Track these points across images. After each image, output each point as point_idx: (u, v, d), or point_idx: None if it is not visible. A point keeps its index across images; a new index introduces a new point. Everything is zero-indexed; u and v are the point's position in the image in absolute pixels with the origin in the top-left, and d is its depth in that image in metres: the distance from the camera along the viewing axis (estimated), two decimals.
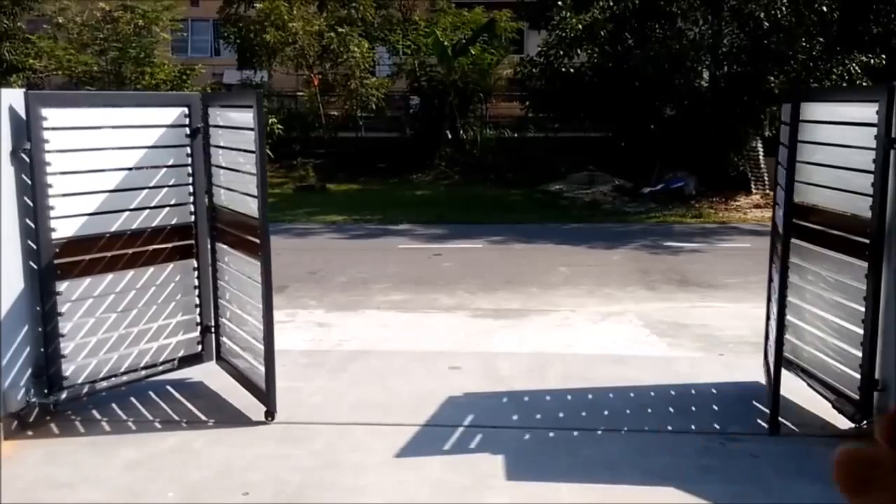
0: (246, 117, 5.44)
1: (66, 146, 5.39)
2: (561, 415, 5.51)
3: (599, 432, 5.29)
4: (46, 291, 5.27)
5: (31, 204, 5.19)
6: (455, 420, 5.45)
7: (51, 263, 5.27)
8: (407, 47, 24.75)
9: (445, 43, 23.18)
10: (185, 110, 5.85)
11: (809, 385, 5.58)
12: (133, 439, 5.19)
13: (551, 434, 5.26)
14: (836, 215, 5.48)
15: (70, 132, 5.42)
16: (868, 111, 5.20)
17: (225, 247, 5.99)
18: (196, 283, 6.03)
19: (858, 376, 5.15)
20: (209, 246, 6.06)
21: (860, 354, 5.13)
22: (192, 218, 5.95)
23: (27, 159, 5.12)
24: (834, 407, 5.30)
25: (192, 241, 5.98)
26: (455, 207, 18.27)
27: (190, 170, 5.90)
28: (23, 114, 5.12)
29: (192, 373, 6.06)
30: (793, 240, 5.69)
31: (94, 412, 5.52)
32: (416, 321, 8.67)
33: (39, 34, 23.26)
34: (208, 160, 5.92)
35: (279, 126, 21.22)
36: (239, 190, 5.65)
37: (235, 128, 5.74)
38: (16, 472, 4.67)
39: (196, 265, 6.01)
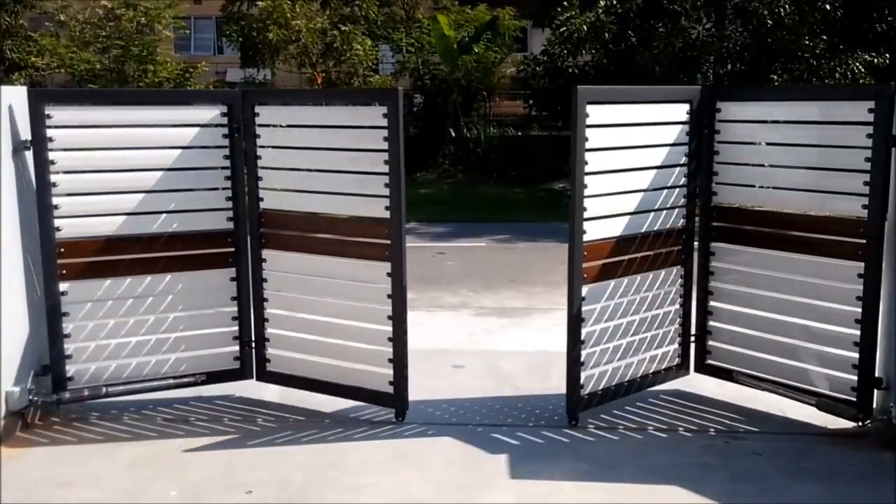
0: (372, 115, 5.19)
1: (92, 144, 5.37)
2: (563, 413, 5.51)
3: (602, 430, 5.28)
4: (52, 290, 5.26)
5: (46, 204, 5.17)
6: (458, 419, 5.46)
7: (58, 262, 5.24)
8: (410, 45, 24.74)
9: (449, 39, 23.13)
10: (224, 109, 5.52)
11: (768, 390, 5.47)
12: (136, 438, 5.19)
13: (554, 432, 5.25)
14: (805, 217, 5.43)
15: (108, 131, 5.42)
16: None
17: (295, 254, 5.56)
18: (235, 294, 5.65)
19: (849, 377, 5.09)
20: (255, 254, 5.64)
21: (852, 355, 5.07)
22: (232, 224, 5.59)
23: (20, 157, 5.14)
24: (820, 409, 5.22)
25: (232, 249, 5.61)
26: (458, 206, 18.28)
27: (229, 173, 5.55)
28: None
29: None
30: (748, 247, 5.55)
31: (97, 412, 5.52)
32: (419, 319, 8.61)
33: (41, 32, 23.31)
34: (254, 162, 5.55)
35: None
36: (351, 192, 5.35)
37: (355, 126, 5.44)
38: (17, 472, 4.68)
39: (235, 275, 5.63)
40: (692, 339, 5.87)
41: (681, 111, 5.58)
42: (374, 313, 5.33)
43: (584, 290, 5.31)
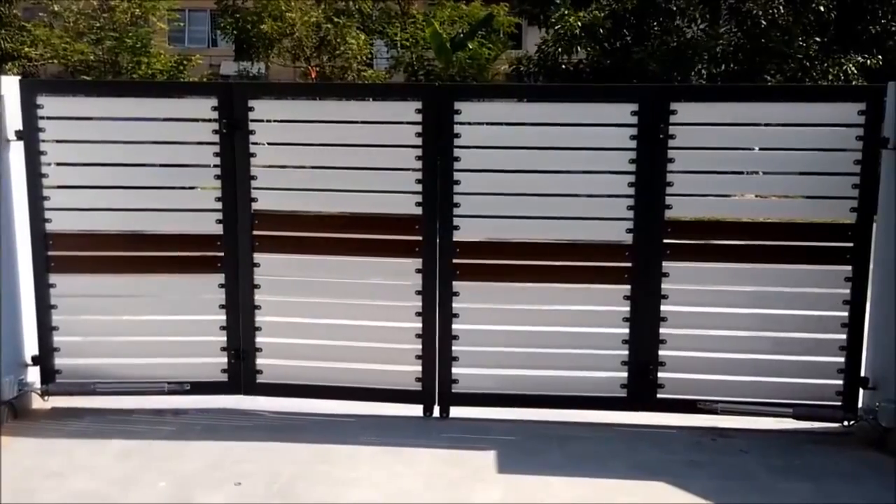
0: (401, 110, 5.18)
1: (83, 137, 5.38)
2: (554, 409, 5.52)
3: (591, 426, 5.30)
4: (41, 282, 5.27)
5: (36, 196, 5.20)
6: (448, 413, 5.47)
7: (50, 255, 5.25)
8: (405, 40, 24.71)
9: (444, 35, 23.13)
10: (214, 102, 5.20)
11: (744, 413, 5.23)
12: (127, 429, 5.19)
13: (543, 428, 5.28)
14: (788, 225, 5.29)
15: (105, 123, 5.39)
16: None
17: (299, 256, 5.37)
18: (223, 301, 5.34)
19: (834, 381, 5.12)
20: (249, 260, 5.29)
21: (837, 360, 5.10)
22: (220, 227, 5.25)
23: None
24: (799, 418, 5.20)
25: (220, 254, 5.27)
26: None
27: (218, 171, 5.21)
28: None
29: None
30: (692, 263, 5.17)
31: (88, 402, 5.50)
32: None
33: (35, 22, 23.21)
34: (246, 159, 5.20)
35: None
36: (377, 189, 5.22)
37: (384, 122, 5.25)
38: (8, 461, 4.68)
39: (223, 281, 5.30)
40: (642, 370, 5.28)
41: (622, 112, 5.08)
42: (401, 311, 5.29)
43: (454, 286, 5.27)
